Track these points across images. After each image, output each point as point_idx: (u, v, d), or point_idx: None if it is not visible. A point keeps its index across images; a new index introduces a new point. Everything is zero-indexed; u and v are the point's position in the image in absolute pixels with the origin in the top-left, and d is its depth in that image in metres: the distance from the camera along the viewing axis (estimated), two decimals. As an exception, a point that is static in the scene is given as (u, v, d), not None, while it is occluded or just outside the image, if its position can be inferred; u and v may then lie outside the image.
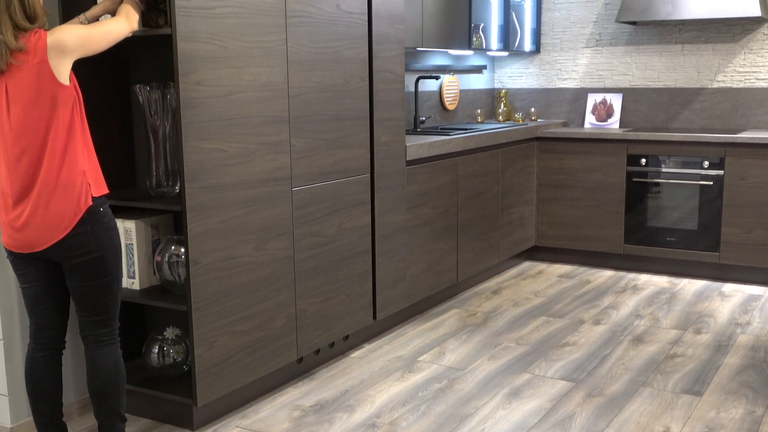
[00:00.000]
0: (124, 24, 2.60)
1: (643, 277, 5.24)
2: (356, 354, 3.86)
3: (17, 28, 2.40)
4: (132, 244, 3.12)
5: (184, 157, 2.81)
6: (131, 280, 3.16)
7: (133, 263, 3.13)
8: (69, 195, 2.46)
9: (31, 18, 2.43)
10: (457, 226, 4.63)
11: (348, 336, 3.87)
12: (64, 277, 2.62)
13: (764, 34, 5.33)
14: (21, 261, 2.58)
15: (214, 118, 2.92)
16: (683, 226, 5.17)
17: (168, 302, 3.00)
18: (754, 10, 4.95)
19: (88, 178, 2.50)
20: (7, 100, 2.43)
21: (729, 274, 5.14)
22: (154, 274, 3.19)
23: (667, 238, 5.22)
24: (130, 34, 2.68)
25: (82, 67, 3.10)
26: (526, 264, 5.66)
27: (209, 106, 2.90)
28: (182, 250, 3.04)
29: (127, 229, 3.12)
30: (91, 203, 2.49)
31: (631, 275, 5.31)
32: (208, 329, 2.96)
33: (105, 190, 2.57)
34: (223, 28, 2.93)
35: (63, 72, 2.42)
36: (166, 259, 3.06)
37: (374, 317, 3.96)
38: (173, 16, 2.74)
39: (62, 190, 2.45)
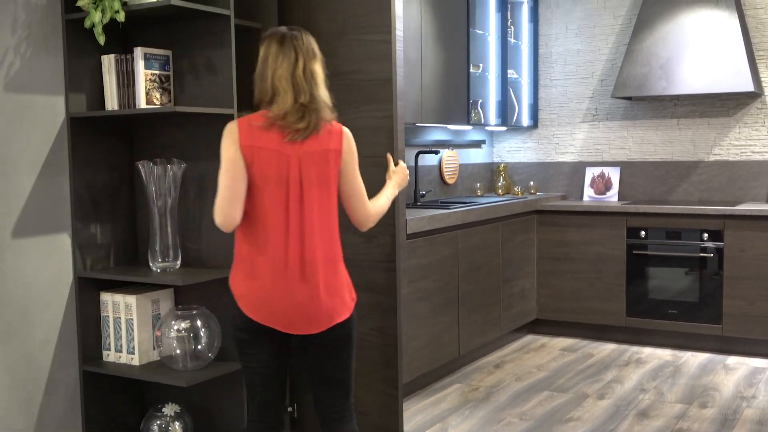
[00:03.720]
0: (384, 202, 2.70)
1: (646, 350, 5.20)
2: (357, 430, 3.80)
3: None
4: (132, 320, 3.11)
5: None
6: (130, 356, 3.13)
7: (133, 338, 3.12)
8: (345, 270, 2.55)
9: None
10: (458, 300, 4.62)
11: (349, 412, 3.81)
12: (289, 355, 2.57)
13: (758, 109, 5.42)
14: (260, 339, 2.49)
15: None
16: (685, 298, 5.16)
17: (168, 378, 2.97)
18: (747, 85, 5.04)
19: None
20: (300, 170, 2.44)
21: (732, 346, 5.10)
22: (154, 349, 3.17)
23: (669, 311, 5.20)
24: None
25: (88, 142, 3.15)
26: (528, 337, 5.62)
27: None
28: (182, 324, 3.03)
29: (127, 304, 3.12)
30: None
31: (634, 348, 5.26)
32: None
33: None
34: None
35: (340, 168, 2.52)
36: (167, 334, 3.05)
37: (375, 392, 3.90)
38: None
39: (342, 263, 2.54)
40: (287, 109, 2.42)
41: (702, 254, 5.09)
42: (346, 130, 2.54)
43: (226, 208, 2.40)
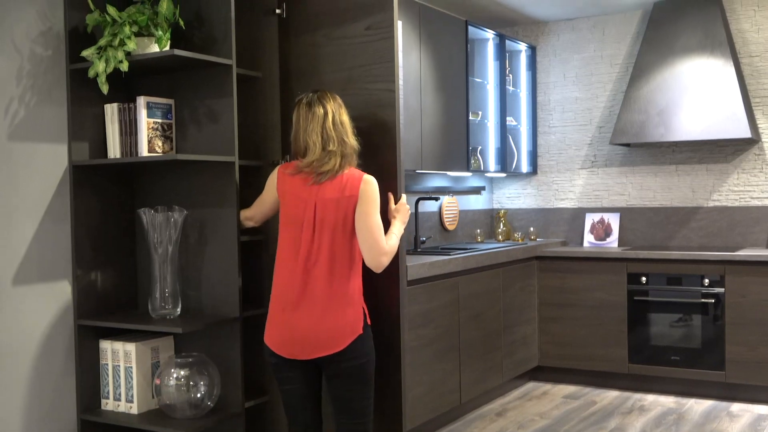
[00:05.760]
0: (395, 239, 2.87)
1: (650, 398, 5.15)
2: (358, 480, 3.75)
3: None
4: (131, 367, 3.10)
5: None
6: (129, 404, 3.11)
7: (132, 387, 3.10)
8: (355, 308, 2.75)
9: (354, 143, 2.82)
10: (459, 346, 4.59)
11: (349, 461, 3.76)
12: (320, 381, 2.85)
13: (756, 155, 5.45)
14: (288, 364, 2.77)
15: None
16: (687, 344, 5.13)
17: (167, 427, 2.94)
18: (744, 132, 5.08)
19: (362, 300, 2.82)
20: (314, 214, 2.73)
21: (736, 393, 5.06)
22: (153, 397, 3.15)
23: (672, 357, 5.16)
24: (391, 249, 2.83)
25: (90, 189, 3.17)
26: (530, 384, 5.57)
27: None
28: (182, 372, 3.01)
29: (126, 351, 3.11)
30: (368, 322, 2.82)
31: (637, 395, 5.21)
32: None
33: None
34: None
35: (354, 212, 2.75)
36: (166, 382, 3.03)
37: (376, 441, 3.86)
38: None
39: (351, 302, 2.74)
40: (316, 157, 2.74)
41: (703, 300, 5.08)
42: (367, 177, 2.77)
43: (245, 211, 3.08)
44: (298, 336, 2.71)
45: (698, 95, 5.25)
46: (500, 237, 6.00)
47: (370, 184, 2.77)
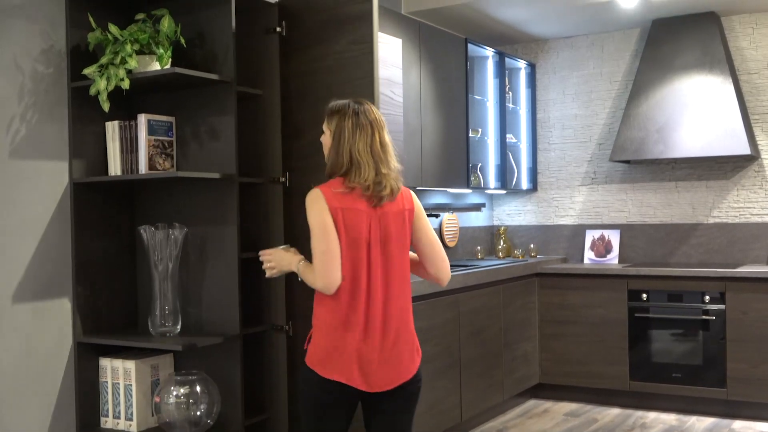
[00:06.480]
0: None
1: (651, 415, 5.13)
2: (358, 499, 3.73)
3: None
4: (131, 385, 3.09)
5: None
6: (128, 422, 3.10)
7: (131, 404, 3.09)
8: (413, 331, 2.62)
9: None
10: (460, 364, 4.58)
11: (349, 479, 3.74)
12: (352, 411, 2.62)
13: (755, 171, 5.46)
14: (339, 403, 2.54)
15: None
16: (688, 361, 5.11)
17: (165, 445, 2.93)
18: (743, 149, 5.09)
19: None
20: (380, 231, 2.53)
21: (738, 410, 5.03)
22: (152, 415, 3.14)
23: (673, 374, 5.15)
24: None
25: (90, 207, 3.17)
26: (531, 402, 5.55)
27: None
28: (182, 390, 3.00)
29: (126, 369, 3.10)
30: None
31: (639, 413, 5.19)
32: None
33: None
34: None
35: (413, 225, 2.64)
36: (166, 399, 3.02)
37: (376, 459, 3.84)
38: None
39: (412, 322, 2.62)
40: (370, 180, 2.52)
41: (704, 317, 5.07)
42: (411, 191, 2.68)
43: (327, 272, 2.47)
44: (384, 365, 2.51)
45: (697, 112, 5.27)
46: (500, 254, 6.00)
47: (417, 198, 2.70)
